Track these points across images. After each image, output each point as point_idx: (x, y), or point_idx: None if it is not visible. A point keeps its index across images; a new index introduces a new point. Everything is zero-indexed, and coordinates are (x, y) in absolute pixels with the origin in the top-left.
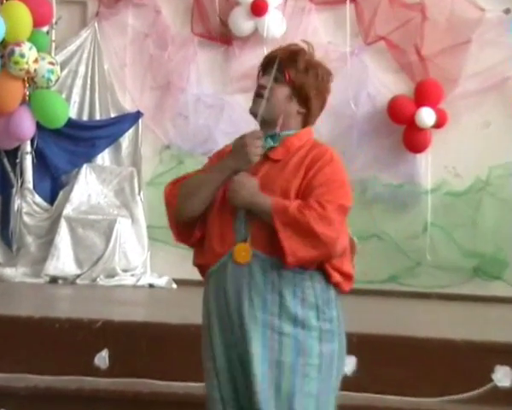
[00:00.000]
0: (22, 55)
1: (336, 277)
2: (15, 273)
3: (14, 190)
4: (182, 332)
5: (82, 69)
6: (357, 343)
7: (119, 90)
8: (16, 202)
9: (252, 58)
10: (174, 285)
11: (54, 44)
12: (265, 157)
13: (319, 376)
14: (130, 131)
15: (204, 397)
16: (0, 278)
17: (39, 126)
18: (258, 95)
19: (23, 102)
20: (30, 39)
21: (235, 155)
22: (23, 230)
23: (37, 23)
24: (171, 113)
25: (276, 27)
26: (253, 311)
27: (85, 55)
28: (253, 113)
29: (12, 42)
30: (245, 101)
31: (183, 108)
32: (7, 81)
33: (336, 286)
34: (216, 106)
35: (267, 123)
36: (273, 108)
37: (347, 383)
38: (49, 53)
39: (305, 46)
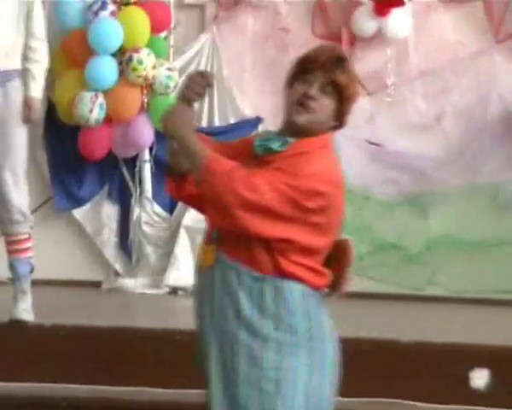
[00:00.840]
0: (140, 62)
1: (293, 269)
2: (135, 284)
3: (133, 199)
4: None
5: None
6: (489, 356)
7: (239, 96)
8: (135, 212)
9: (375, 60)
10: None
11: (172, 50)
12: (261, 159)
13: (278, 391)
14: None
15: None
16: (120, 288)
17: (158, 134)
18: (302, 104)
19: (141, 109)
20: (148, 45)
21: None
22: (142, 240)
23: (156, 29)
24: None
25: (401, 27)
26: (212, 317)
27: (204, 61)
28: (300, 125)
29: (130, 48)
30: (368, 103)
31: None
32: (125, 88)
33: (307, 285)
34: None
35: (298, 131)
36: (317, 121)
37: (481, 398)
38: (168, 59)
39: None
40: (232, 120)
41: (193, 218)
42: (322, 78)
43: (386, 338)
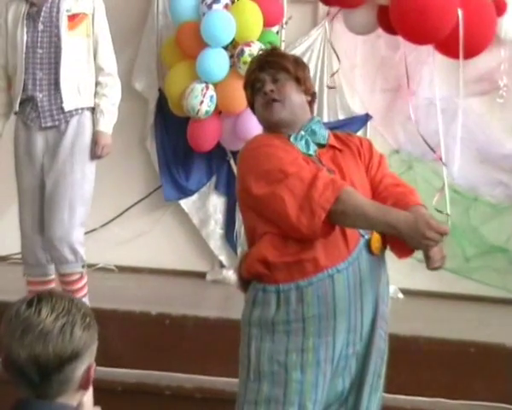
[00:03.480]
0: (252, 56)
1: None
2: None
3: None
4: (411, 345)
5: (311, 70)
6: None
7: (348, 92)
8: None
9: (488, 60)
10: (400, 295)
11: (283, 45)
12: (327, 146)
13: None
14: (359, 134)
15: None
16: (224, 281)
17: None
18: (270, 101)
19: None
20: (260, 39)
21: (410, 230)
22: None
23: (268, 23)
24: (402, 116)
25: None
26: (380, 302)
27: (315, 56)
28: (278, 120)
29: (242, 42)
30: (480, 105)
31: (414, 112)
32: (236, 81)
33: None
34: (448, 110)
35: (289, 123)
36: (290, 105)
37: None
38: None
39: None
40: (341, 116)
41: None
42: (267, 74)
43: (492, 342)
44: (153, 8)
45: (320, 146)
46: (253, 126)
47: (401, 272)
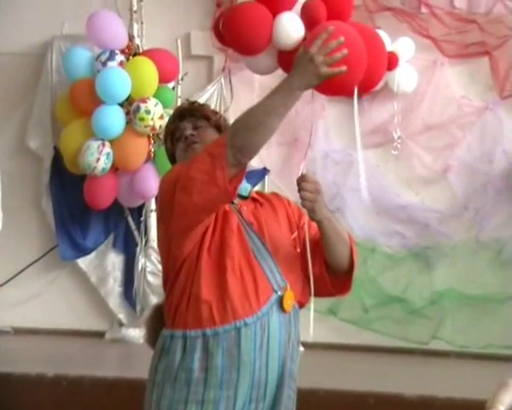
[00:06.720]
0: (148, 112)
1: None
2: (139, 335)
3: (138, 248)
4: (310, 398)
5: None
6: None
7: None
8: (140, 262)
9: (381, 113)
10: (301, 348)
11: (179, 100)
12: (249, 198)
13: None
14: (257, 187)
15: None
16: (123, 339)
17: None
18: (191, 143)
19: (148, 159)
20: (156, 95)
21: (300, 71)
22: (147, 290)
23: (163, 79)
24: (299, 169)
25: (407, 81)
26: (289, 361)
27: None
28: None
29: (137, 98)
30: (375, 156)
31: (311, 165)
32: (132, 138)
33: None
34: (344, 162)
35: None
36: None
37: None
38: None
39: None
40: None
41: None
42: (187, 122)
43: (390, 392)
44: (46, 65)
45: (242, 197)
46: (149, 184)
47: (301, 325)
